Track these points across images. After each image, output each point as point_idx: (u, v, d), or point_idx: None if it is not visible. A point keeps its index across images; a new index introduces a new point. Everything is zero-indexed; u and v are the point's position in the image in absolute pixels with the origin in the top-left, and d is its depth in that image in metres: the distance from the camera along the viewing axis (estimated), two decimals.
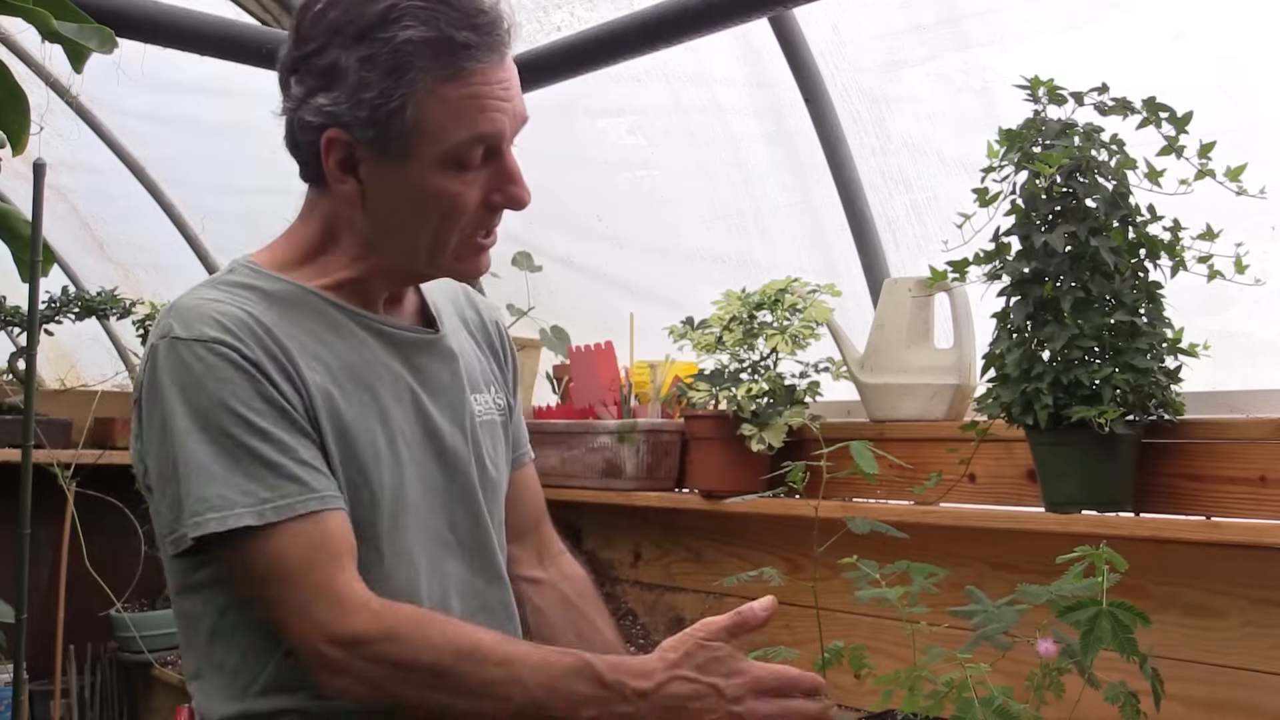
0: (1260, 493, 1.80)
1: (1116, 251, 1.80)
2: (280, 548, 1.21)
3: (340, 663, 1.21)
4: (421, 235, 1.31)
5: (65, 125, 4.06)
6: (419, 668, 1.21)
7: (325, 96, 1.25)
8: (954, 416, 2.26)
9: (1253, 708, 1.82)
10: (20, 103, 1.38)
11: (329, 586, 1.21)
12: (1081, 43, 2.16)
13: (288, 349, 1.27)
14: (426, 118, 1.24)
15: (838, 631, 2.37)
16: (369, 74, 1.23)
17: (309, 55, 1.27)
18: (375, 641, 1.20)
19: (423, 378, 1.40)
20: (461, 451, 1.41)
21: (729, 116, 2.85)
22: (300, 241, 1.38)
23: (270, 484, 1.22)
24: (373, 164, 1.28)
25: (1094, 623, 1.34)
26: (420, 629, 1.22)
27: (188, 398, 1.23)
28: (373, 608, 1.22)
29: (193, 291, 1.32)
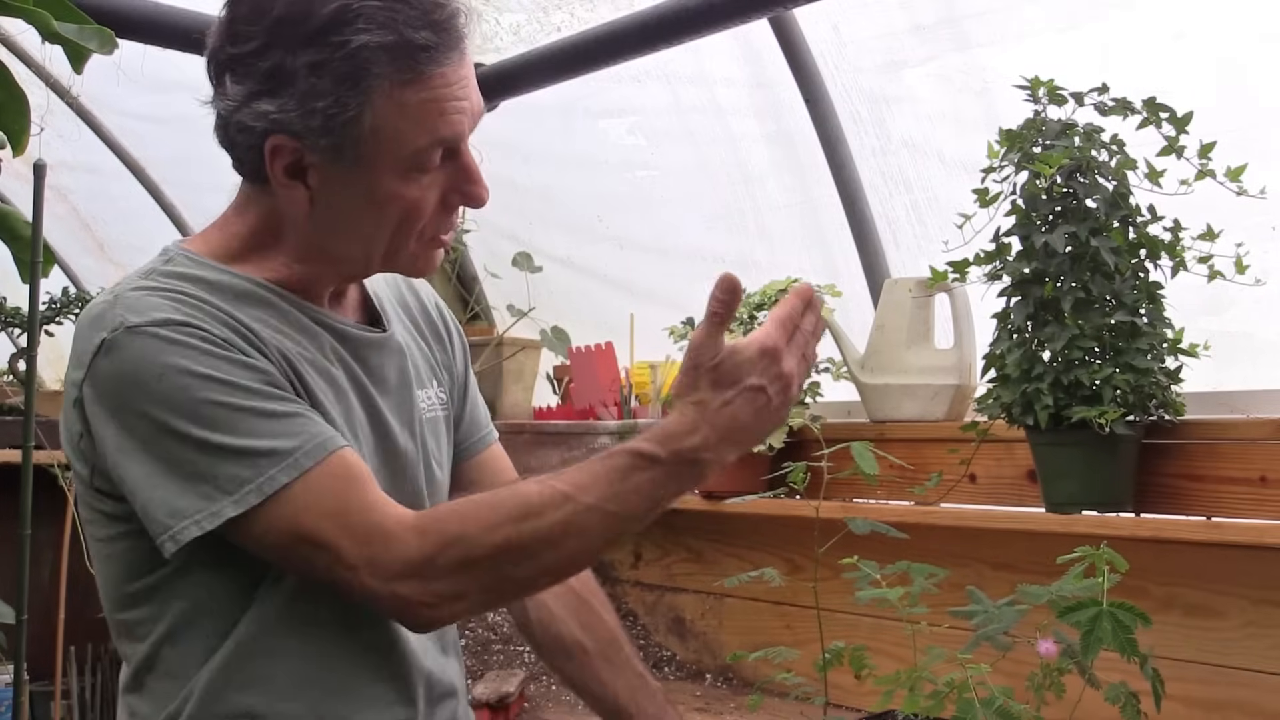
0: (1261, 493, 1.80)
1: (1117, 252, 1.80)
2: (312, 499, 1.14)
3: (418, 594, 1.14)
4: (376, 240, 1.25)
5: (66, 126, 4.06)
6: (489, 554, 1.13)
7: (270, 102, 1.17)
8: (954, 417, 2.26)
9: (1254, 708, 1.82)
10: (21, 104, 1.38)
11: (367, 523, 1.14)
12: (1081, 43, 2.16)
13: (250, 326, 1.20)
14: (384, 125, 1.17)
15: (839, 632, 2.37)
16: (320, 81, 1.15)
17: (248, 55, 1.17)
18: (434, 556, 1.13)
19: (374, 376, 1.34)
20: (410, 453, 1.36)
21: (729, 117, 2.85)
22: (238, 234, 1.29)
23: (290, 433, 1.15)
24: (324, 170, 1.20)
25: (1094, 623, 1.34)
26: (466, 520, 1.15)
27: (165, 385, 1.14)
28: (414, 524, 1.15)
29: (131, 283, 1.22)
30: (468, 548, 1.14)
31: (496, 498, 1.19)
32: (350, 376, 1.31)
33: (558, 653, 1.53)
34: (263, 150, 1.19)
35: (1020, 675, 1.46)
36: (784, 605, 2.39)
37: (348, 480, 1.16)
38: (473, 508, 1.18)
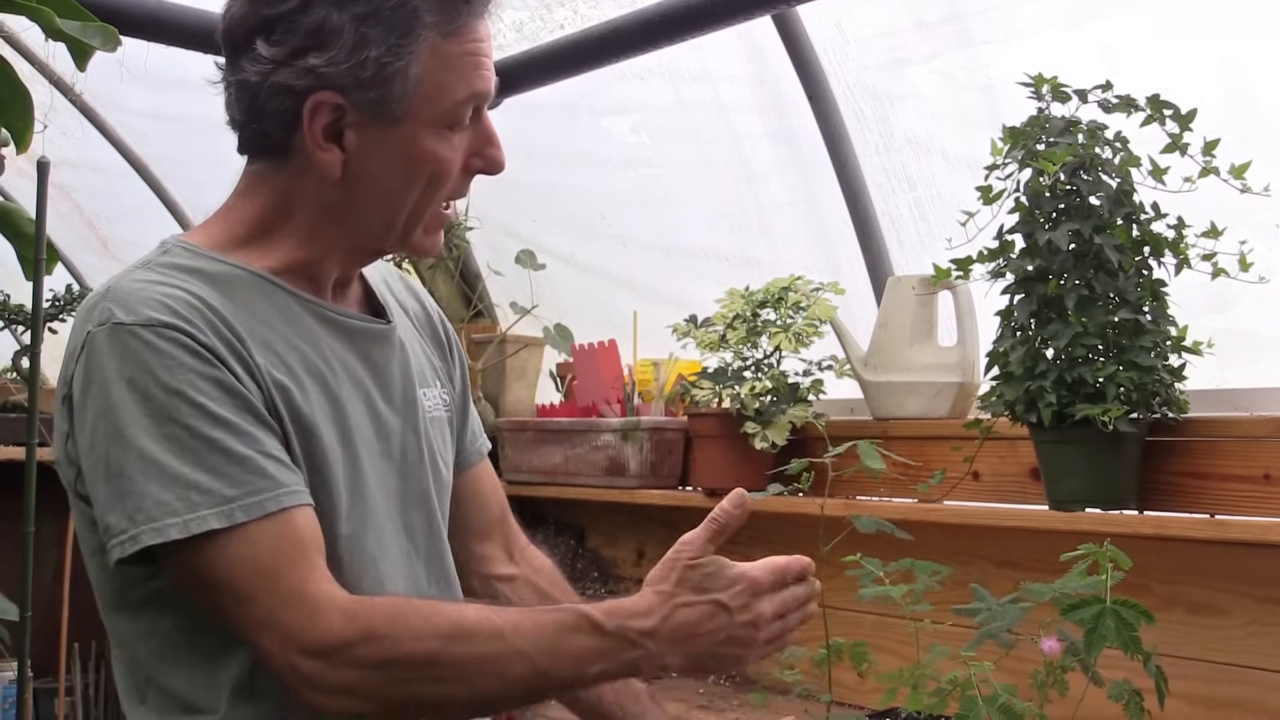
0: (1265, 490, 1.80)
1: (1120, 249, 1.80)
2: (246, 551, 1.09)
3: (320, 675, 1.09)
4: (402, 204, 1.23)
5: (69, 124, 4.06)
6: (405, 663, 1.10)
7: (317, 56, 1.14)
8: (958, 414, 2.26)
9: (1258, 706, 1.82)
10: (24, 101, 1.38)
11: (299, 590, 1.10)
12: (1084, 40, 2.16)
13: (240, 335, 1.16)
14: (428, 77, 1.17)
15: (842, 629, 2.37)
16: (370, 30, 1.14)
17: (289, 13, 1.15)
18: (352, 645, 1.09)
19: (375, 372, 1.30)
20: (414, 452, 1.33)
21: (732, 114, 2.85)
22: (243, 219, 1.26)
23: (237, 480, 1.10)
24: (363, 129, 1.18)
25: (1098, 621, 1.34)
26: (399, 621, 1.11)
27: (137, 388, 1.10)
28: (346, 608, 1.10)
29: (126, 275, 1.19)
30: (388, 648, 1.10)
31: (434, 609, 1.15)
32: (350, 375, 1.27)
33: None
34: (299, 113, 1.17)
35: (1023, 673, 1.46)
36: None
37: (292, 543, 1.12)
38: (408, 609, 1.14)
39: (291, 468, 1.16)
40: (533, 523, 3.01)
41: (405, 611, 1.13)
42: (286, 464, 1.15)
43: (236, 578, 1.10)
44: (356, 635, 1.09)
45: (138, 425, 1.10)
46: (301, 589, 1.10)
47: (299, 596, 1.10)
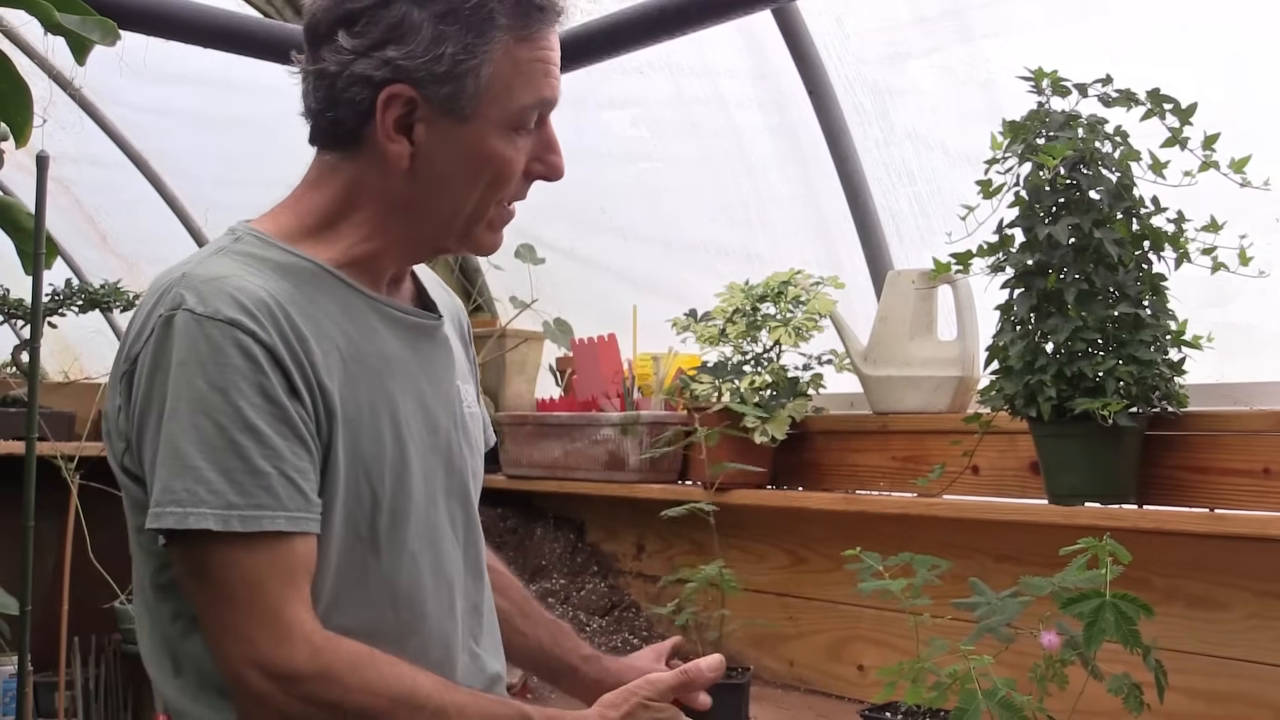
0: (1264, 485, 1.80)
1: (1120, 244, 1.80)
2: (236, 558, 1.14)
3: (266, 696, 1.13)
4: (465, 200, 1.28)
5: (68, 118, 4.06)
6: (349, 712, 1.15)
7: (395, 50, 1.20)
8: (957, 409, 2.26)
9: (1257, 699, 1.82)
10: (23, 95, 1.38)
11: (275, 611, 1.14)
12: (1085, 35, 2.16)
13: (303, 334, 1.20)
14: (499, 78, 1.22)
15: (841, 624, 2.38)
16: (448, 28, 1.19)
17: (371, 7, 1.20)
18: (307, 679, 1.13)
19: (425, 366, 1.35)
20: (457, 445, 1.37)
21: (732, 109, 2.84)
22: (310, 210, 1.30)
23: (246, 490, 1.14)
24: (433, 124, 1.23)
25: (1097, 614, 1.34)
26: (357, 671, 1.16)
27: (187, 377, 1.14)
28: (314, 641, 1.15)
29: (203, 262, 1.23)
30: (338, 693, 1.15)
31: (394, 668, 1.19)
32: (402, 369, 1.31)
33: None
34: (374, 104, 1.21)
35: (1023, 667, 1.46)
36: (786, 596, 2.39)
37: (282, 565, 1.15)
38: (369, 661, 1.18)
39: (308, 492, 1.18)
40: (532, 517, 3.01)
41: (366, 662, 1.17)
42: (304, 488, 1.18)
43: (220, 580, 1.14)
44: (315, 671, 1.14)
45: (175, 412, 1.14)
46: (278, 610, 1.14)
47: (274, 617, 1.14)
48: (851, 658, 2.36)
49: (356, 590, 1.25)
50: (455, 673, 1.32)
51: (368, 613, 1.26)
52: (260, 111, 3.97)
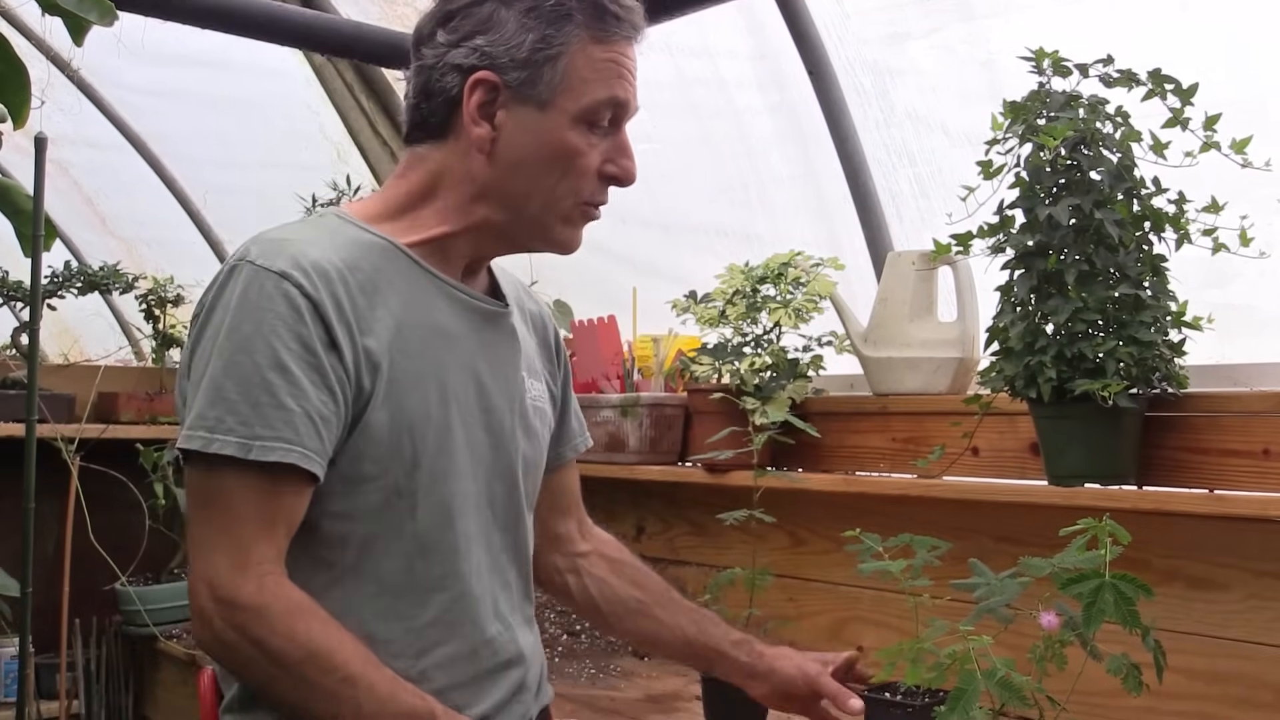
0: (1264, 465, 1.80)
1: (1121, 224, 1.80)
2: (242, 487, 1.22)
3: (207, 616, 1.22)
4: (539, 188, 1.36)
5: (66, 100, 4.05)
6: (267, 653, 1.21)
7: (483, 39, 1.32)
8: (957, 390, 2.26)
9: (1255, 680, 1.83)
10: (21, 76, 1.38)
11: (244, 546, 1.22)
12: (1086, 14, 2.15)
13: (355, 297, 1.29)
14: (573, 71, 1.33)
15: (840, 605, 2.38)
16: (530, 21, 1.32)
17: (466, 6, 1.34)
18: (243, 610, 1.21)
19: (486, 350, 1.42)
20: (508, 428, 1.43)
21: (732, 89, 2.84)
22: (395, 196, 1.40)
23: (270, 423, 1.22)
24: (513, 109, 1.33)
25: (1097, 595, 1.34)
26: (290, 619, 1.22)
27: (237, 319, 1.24)
28: (264, 581, 1.22)
29: (280, 228, 1.35)
30: (264, 633, 1.21)
31: (326, 629, 1.24)
32: (459, 345, 1.39)
33: (623, 614, 1.66)
34: (462, 90, 1.33)
35: (1022, 647, 1.46)
36: (785, 578, 2.40)
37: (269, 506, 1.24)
38: (305, 615, 1.23)
39: (321, 435, 1.25)
40: None
41: (300, 614, 1.23)
42: (319, 429, 1.25)
43: (214, 504, 1.24)
44: (253, 605, 1.21)
45: (221, 348, 1.24)
46: (246, 545, 1.23)
47: (240, 549, 1.22)
48: (851, 638, 2.37)
49: (391, 541, 1.32)
50: (486, 634, 1.38)
51: (398, 563, 1.32)
52: (258, 93, 3.97)
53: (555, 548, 1.67)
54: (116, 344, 4.74)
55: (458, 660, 1.35)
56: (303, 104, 3.85)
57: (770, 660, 1.64)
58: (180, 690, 3.10)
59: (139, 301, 3.61)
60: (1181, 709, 1.87)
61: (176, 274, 3.67)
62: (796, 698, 1.64)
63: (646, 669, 2.47)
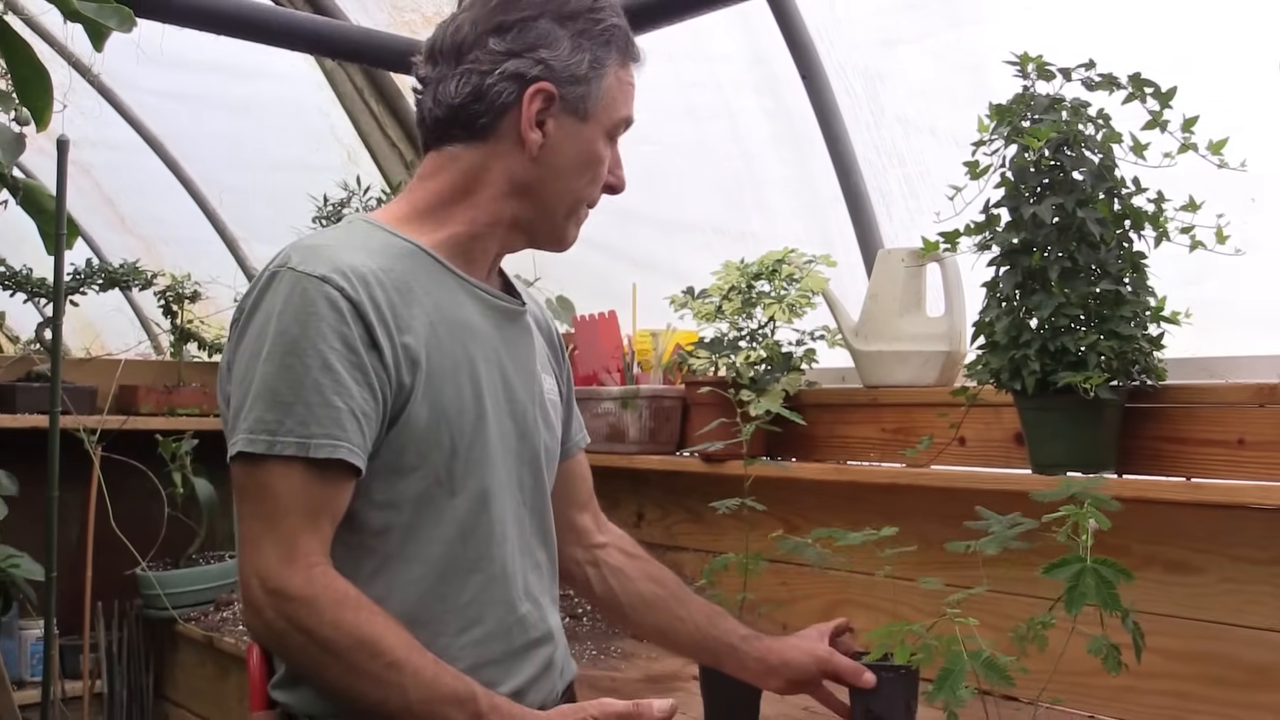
0: (1239, 455, 1.80)
1: (1102, 223, 1.80)
2: (290, 482, 1.24)
3: (259, 606, 1.24)
4: (572, 189, 1.43)
5: (87, 103, 4.05)
6: (317, 641, 1.22)
7: (546, 52, 1.37)
8: (945, 382, 2.26)
9: (1230, 660, 1.83)
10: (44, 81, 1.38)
11: (292, 537, 1.24)
12: (1069, 19, 2.15)
13: (392, 298, 1.31)
14: (609, 90, 1.42)
15: (831, 589, 2.39)
16: (584, 42, 1.39)
17: (522, 20, 1.38)
18: (293, 601, 1.22)
19: (507, 344, 1.44)
20: (532, 419, 1.45)
21: (728, 93, 2.83)
22: (424, 198, 1.42)
23: (320, 420, 1.24)
24: (561, 119, 1.39)
25: (1078, 579, 1.35)
26: (336, 608, 1.23)
27: (283, 324, 1.26)
28: (312, 572, 1.23)
29: (315, 235, 1.39)
30: (313, 622, 1.22)
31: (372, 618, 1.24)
32: (486, 340, 1.41)
33: (641, 608, 1.66)
34: (519, 97, 1.37)
35: (1004, 629, 1.47)
36: (779, 563, 2.40)
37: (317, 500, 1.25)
38: (354, 605, 1.24)
39: (364, 432, 1.27)
40: None
41: (347, 604, 1.24)
42: (362, 426, 1.27)
43: (270, 500, 1.24)
44: (302, 595, 1.22)
45: (271, 354, 1.26)
46: (293, 537, 1.24)
47: (289, 541, 1.24)
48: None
49: (432, 526, 1.33)
50: (518, 612, 1.39)
51: (439, 547, 1.33)
52: (271, 97, 3.97)
53: (574, 540, 1.67)
54: (136, 338, 4.74)
55: (492, 638, 1.36)
56: (314, 107, 3.85)
57: (780, 652, 1.63)
58: (198, 671, 3.11)
59: (158, 297, 3.61)
60: (1159, 688, 1.88)
61: (193, 271, 3.66)
62: (808, 683, 1.64)
63: (646, 650, 2.47)
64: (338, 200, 3.31)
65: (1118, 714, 1.94)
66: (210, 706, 3.05)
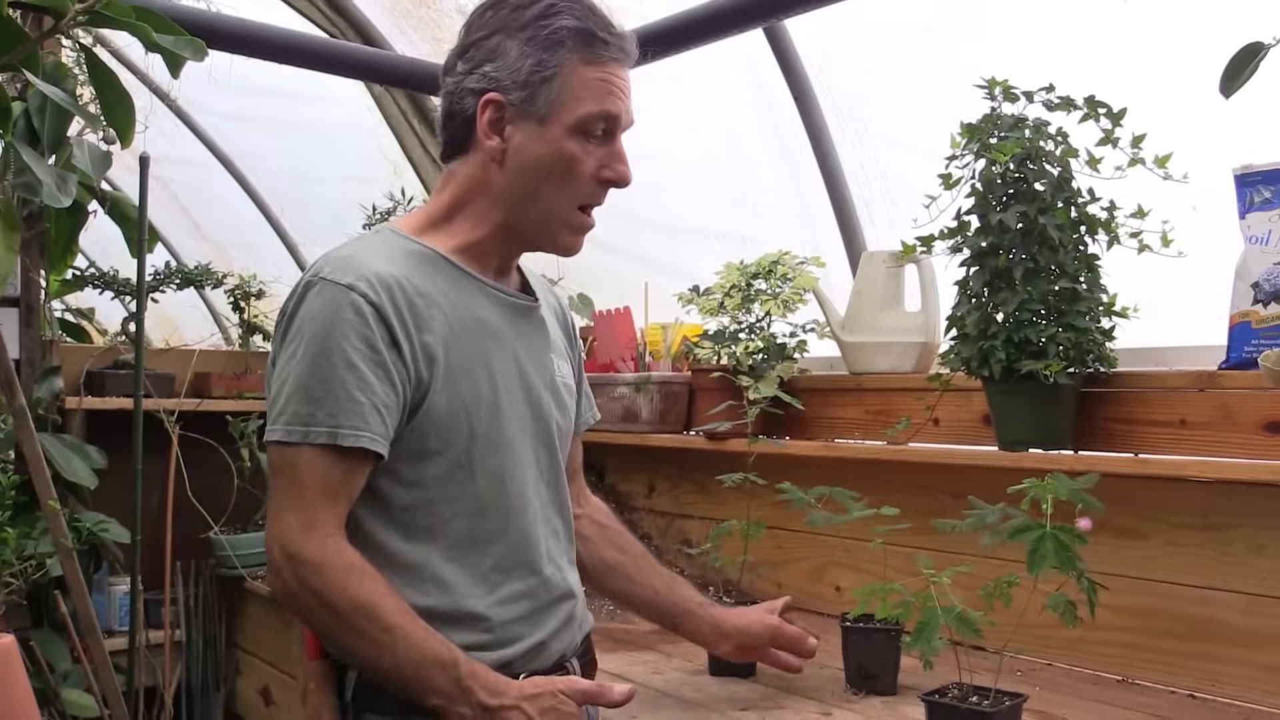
0: (1180, 434, 1.80)
1: (1061, 228, 1.79)
2: (315, 464, 1.25)
3: (278, 568, 1.26)
4: (543, 190, 1.35)
5: (166, 125, 4.06)
6: (322, 603, 1.24)
7: (490, 66, 1.33)
8: (921, 369, 2.25)
9: (1173, 615, 1.83)
10: (127, 105, 1.38)
11: (311, 510, 1.25)
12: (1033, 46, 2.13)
13: (413, 301, 1.30)
14: (567, 89, 1.32)
15: (821, 552, 2.38)
16: (528, 48, 1.32)
17: (477, 41, 1.34)
18: (306, 565, 1.24)
19: (520, 337, 1.41)
20: (545, 402, 1.44)
21: (729, 113, 2.83)
22: (436, 209, 1.41)
23: (346, 413, 1.25)
24: (518, 124, 1.33)
25: (1040, 543, 1.35)
26: (343, 575, 1.24)
27: (314, 328, 1.26)
28: (326, 542, 1.25)
29: (344, 247, 1.36)
30: (320, 584, 1.24)
31: (374, 587, 1.25)
32: (500, 334, 1.38)
33: (605, 572, 1.64)
34: (476, 109, 1.34)
35: (974, 588, 1.47)
36: (776, 529, 2.40)
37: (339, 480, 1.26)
38: (359, 573, 1.25)
39: (385, 422, 1.27)
40: None
41: (352, 572, 1.25)
42: (384, 417, 1.27)
43: (297, 478, 1.26)
44: (313, 561, 1.24)
45: (305, 355, 1.26)
46: (313, 510, 1.26)
47: (308, 513, 1.25)
48: (830, 580, 2.37)
49: (455, 504, 1.32)
50: (542, 574, 1.38)
51: (462, 522, 1.33)
52: (326, 119, 3.97)
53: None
54: (209, 331, 4.76)
55: (519, 598, 1.36)
56: (364, 128, 3.85)
57: (734, 620, 1.65)
58: (265, 622, 3.12)
59: (227, 295, 3.62)
60: (1110, 639, 1.88)
61: (258, 272, 3.67)
62: (756, 648, 1.67)
63: None
64: (385, 209, 3.31)
65: (1074, 662, 1.94)
66: (275, 653, 3.07)
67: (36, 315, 2.56)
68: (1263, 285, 1.72)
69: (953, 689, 1.45)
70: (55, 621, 2.50)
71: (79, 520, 2.57)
